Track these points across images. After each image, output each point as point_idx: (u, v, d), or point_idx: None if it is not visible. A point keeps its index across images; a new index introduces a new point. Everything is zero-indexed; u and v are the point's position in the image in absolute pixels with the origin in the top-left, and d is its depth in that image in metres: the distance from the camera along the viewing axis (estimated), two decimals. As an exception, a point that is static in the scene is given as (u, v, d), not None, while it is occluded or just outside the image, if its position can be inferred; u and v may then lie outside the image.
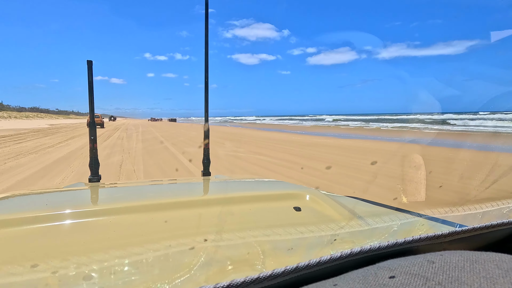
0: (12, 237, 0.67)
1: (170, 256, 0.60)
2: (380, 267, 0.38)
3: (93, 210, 0.84)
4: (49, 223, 0.73)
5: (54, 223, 0.74)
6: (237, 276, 0.36)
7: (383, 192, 4.23)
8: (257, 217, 0.86)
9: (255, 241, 0.68)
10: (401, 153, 7.64)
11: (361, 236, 0.73)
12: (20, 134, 18.29)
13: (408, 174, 1.18)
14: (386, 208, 0.96)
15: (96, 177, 1.58)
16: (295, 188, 1.18)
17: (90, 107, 1.56)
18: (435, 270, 0.35)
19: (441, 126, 24.50)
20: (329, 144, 12.18)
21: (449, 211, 0.88)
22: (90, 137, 1.55)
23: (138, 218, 0.79)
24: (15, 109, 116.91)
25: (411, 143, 8.05)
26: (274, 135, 18.49)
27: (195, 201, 0.98)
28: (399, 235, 0.77)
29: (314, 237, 0.73)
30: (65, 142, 13.21)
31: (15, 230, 0.69)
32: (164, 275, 0.53)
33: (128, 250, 0.62)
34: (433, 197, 1.28)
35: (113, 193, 1.29)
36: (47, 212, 0.78)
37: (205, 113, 1.83)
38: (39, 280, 0.51)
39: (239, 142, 13.78)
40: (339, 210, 0.89)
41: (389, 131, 21.80)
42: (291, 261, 0.42)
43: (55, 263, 0.57)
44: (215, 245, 0.66)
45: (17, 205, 1.02)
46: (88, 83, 1.54)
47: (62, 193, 1.21)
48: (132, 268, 0.55)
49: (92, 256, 0.59)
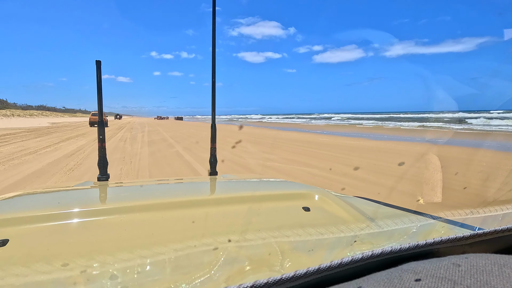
0: (28, 234, 0.69)
1: (191, 255, 0.60)
2: (404, 269, 0.37)
3: (109, 208, 0.85)
4: (65, 221, 0.76)
5: (70, 221, 0.76)
6: (258, 277, 0.36)
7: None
8: (268, 217, 0.86)
9: (274, 242, 0.67)
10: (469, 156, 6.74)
11: (380, 237, 0.72)
12: (9, 135, 15.58)
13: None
14: (397, 210, 0.93)
15: (105, 176, 1.67)
16: (304, 188, 1.17)
17: (99, 106, 1.66)
18: (462, 273, 0.34)
19: (465, 125, 23.73)
20: (375, 148, 9.99)
21: (469, 213, 0.80)
22: (99, 136, 1.67)
23: (150, 217, 0.80)
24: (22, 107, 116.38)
25: (450, 144, 7.55)
26: (297, 135, 16.24)
27: (205, 200, 0.99)
28: (418, 237, 0.75)
29: (332, 238, 0.72)
30: (54, 146, 10.64)
31: (30, 227, 0.71)
32: (185, 274, 0.52)
33: (151, 250, 0.63)
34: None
35: (123, 192, 1.30)
36: (63, 210, 0.80)
37: (212, 113, 1.91)
38: (59, 277, 0.52)
39: (264, 145, 11.54)
40: (350, 211, 0.88)
41: (414, 130, 20.49)
42: (312, 262, 0.43)
43: (80, 261, 0.57)
44: (237, 246, 0.65)
45: (31, 203, 1.04)
46: (96, 82, 1.64)
47: (73, 191, 1.25)
48: (153, 267, 0.56)
49: (115, 254, 0.60)
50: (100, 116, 1.67)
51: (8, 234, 0.67)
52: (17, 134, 16.42)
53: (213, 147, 1.88)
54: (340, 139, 14.02)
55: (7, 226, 0.71)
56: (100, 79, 1.64)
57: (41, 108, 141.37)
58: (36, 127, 24.96)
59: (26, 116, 56.98)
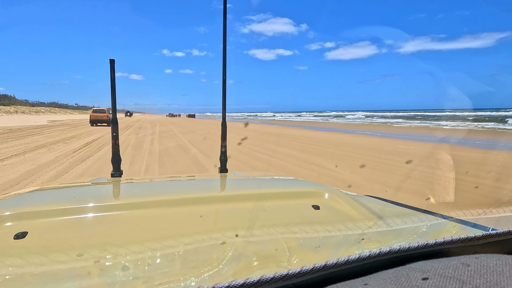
0: (46, 226, 0.71)
1: (200, 249, 0.61)
2: (411, 268, 0.37)
3: (122, 204, 0.88)
4: (80, 215, 0.78)
5: (84, 215, 0.78)
6: (264, 272, 0.36)
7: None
8: (276, 215, 0.86)
9: (282, 238, 0.67)
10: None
11: (389, 236, 0.71)
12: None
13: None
14: (409, 209, 0.92)
15: (118, 172, 1.72)
16: (314, 186, 1.16)
17: (113, 103, 1.69)
18: (471, 273, 0.34)
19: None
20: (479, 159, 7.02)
21: (482, 213, 0.82)
22: (112, 134, 1.72)
23: (161, 212, 0.82)
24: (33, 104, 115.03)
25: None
26: (346, 138, 13.63)
27: (214, 197, 0.99)
28: (428, 236, 0.74)
29: (340, 235, 0.71)
30: (20, 157, 7.21)
31: (48, 220, 0.74)
32: (194, 268, 0.53)
33: (162, 243, 0.64)
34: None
35: (136, 188, 1.29)
36: (78, 204, 0.82)
37: (222, 111, 1.89)
38: (75, 267, 0.54)
39: (317, 153, 8.59)
40: (359, 210, 0.88)
41: (459, 130, 19.05)
42: (319, 259, 0.43)
43: (95, 252, 0.59)
44: (245, 241, 0.66)
45: (48, 198, 1.07)
46: (110, 80, 1.66)
47: (88, 187, 1.25)
48: (163, 260, 0.57)
49: (127, 247, 0.62)
50: (114, 113, 1.71)
51: (27, 227, 0.69)
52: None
53: (223, 144, 1.89)
54: (393, 141, 11.18)
55: (26, 219, 0.74)
56: (114, 77, 1.67)
57: (53, 105, 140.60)
58: (27, 126, 20.83)
59: (31, 113, 54.42)
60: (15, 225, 0.71)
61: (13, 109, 52.31)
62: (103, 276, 0.51)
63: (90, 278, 0.50)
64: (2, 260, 0.55)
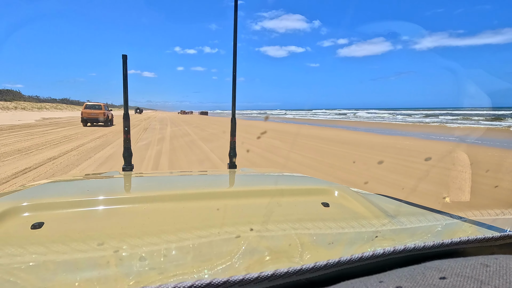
0: (61, 218, 0.73)
1: (214, 243, 0.61)
2: (427, 266, 0.36)
3: (134, 197, 0.88)
4: (93, 207, 0.79)
5: (97, 207, 0.80)
6: (277, 267, 0.36)
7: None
8: (288, 211, 0.85)
9: (295, 234, 0.67)
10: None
11: (403, 234, 0.70)
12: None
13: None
14: (422, 209, 0.89)
15: (129, 166, 1.74)
16: (323, 183, 1.15)
17: (125, 99, 1.69)
18: (490, 274, 0.33)
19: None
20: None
21: (500, 213, 0.79)
22: (124, 128, 1.72)
23: (171, 206, 0.82)
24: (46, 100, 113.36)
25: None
26: (376, 139, 11.50)
27: (225, 193, 1.00)
28: (443, 236, 0.72)
29: (353, 232, 0.71)
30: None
31: (63, 212, 0.76)
32: (207, 261, 0.53)
33: (177, 235, 0.65)
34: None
35: (147, 182, 1.30)
36: (92, 197, 0.84)
37: (232, 107, 1.91)
38: (93, 256, 0.55)
39: (373, 165, 6.42)
40: (370, 208, 0.86)
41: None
42: (332, 255, 0.42)
43: (113, 243, 0.60)
44: (258, 235, 0.66)
45: (63, 190, 1.08)
46: (122, 76, 1.66)
47: (100, 180, 1.30)
48: (178, 252, 0.58)
49: (144, 238, 0.63)
50: (126, 109, 1.72)
51: (44, 218, 0.71)
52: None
53: (232, 140, 1.90)
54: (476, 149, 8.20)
55: (42, 210, 0.76)
56: (126, 73, 1.67)
57: (64, 101, 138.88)
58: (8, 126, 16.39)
59: (33, 110, 51.41)
60: (32, 215, 0.73)
61: (13, 105, 49.29)
62: (121, 266, 0.52)
63: (108, 267, 0.51)
64: (21, 249, 0.57)
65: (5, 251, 0.56)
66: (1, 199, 0.84)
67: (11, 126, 16.40)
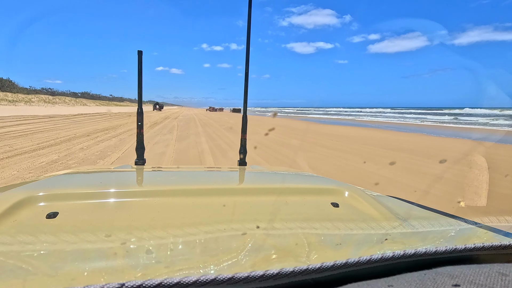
0: (75, 208, 0.75)
1: (220, 239, 0.61)
2: (438, 272, 0.36)
3: (145, 191, 0.90)
4: (105, 199, 0.82)
5: (109, 199, 0.82)
6: (283, 266, 0.36)
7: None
8: (296, 209, 0.85)
9: (302, 233, 0.66)
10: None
11: (414, 238, 0.68)
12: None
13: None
14: (435, 213, 0.87)
15: (142, 160, 1.79)
16: (333, 183, 1.14)
17: (139, 94, 1.76)
18: (506, 283, 0.32)
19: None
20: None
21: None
22: (138, 123, 1.75)
23: (181, 201, 0.83)
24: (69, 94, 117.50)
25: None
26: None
27: (234, 189, 1.00)
28: (456, 241, 0.71)
29: (362, 234, 0.69)
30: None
31: (77, 203, 0.78)
32: (214, 256, 0.54)
33: (184, 230, 0.65)
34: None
35: (158, 176, 1.35)
36: (104, 189, 0.87)
37: (244, 104, 1.93)
38: (102, 247, 0.56)
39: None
40: (381, 210, 0.85)
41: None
42: (339, 256, 0.42)
43: (121, 235, 0.61)
44: (265, 233, 0.66)
45: (77, 182, 1.11)
46: (137, 72, 1.69)
47: (113, 173, 1.33)
48: (184, 247, 0.58)
49: (151, 232, 0.64)
50: (140, 104, 1.76)
51: (58, 208, 0.74)
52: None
53: (243, 138, 1.93)
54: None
55: (57, 200, 0.78)
56: (141, 68, 1.69)
57: (85, 95, 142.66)
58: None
59: (39, 104, 53.13)
60: (47, 205, 0.75)
61: (20, 97, 50.96)
62: (128, 257, 0.52)
63: (116, 259, 0.52)
64: (36, 237, 0.59)
65: (20, 239, 0.58)
66: (19, 188, 0.87)
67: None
